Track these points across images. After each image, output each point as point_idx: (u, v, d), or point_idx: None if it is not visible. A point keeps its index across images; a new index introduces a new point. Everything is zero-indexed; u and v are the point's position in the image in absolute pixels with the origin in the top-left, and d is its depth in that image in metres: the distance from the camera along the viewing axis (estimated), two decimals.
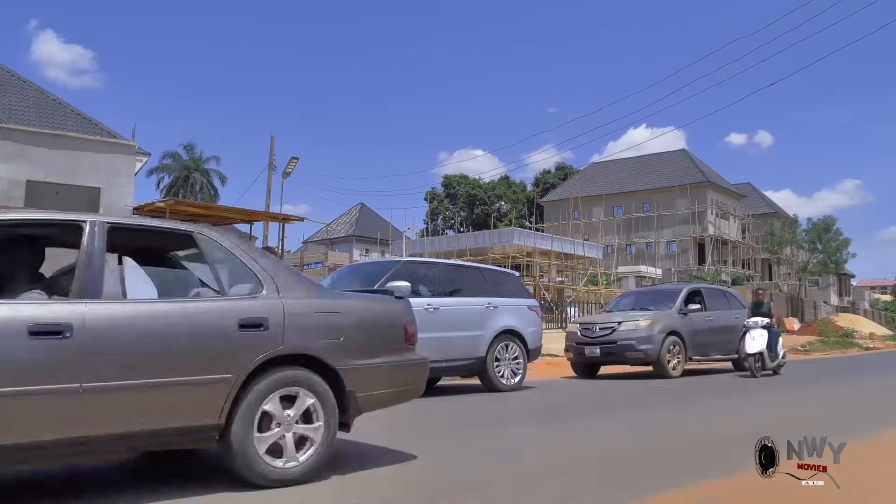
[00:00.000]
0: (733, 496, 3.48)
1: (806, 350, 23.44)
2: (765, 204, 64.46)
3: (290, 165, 28.21)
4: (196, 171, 51.01)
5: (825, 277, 58.99)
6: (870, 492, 3.55)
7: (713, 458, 4.47)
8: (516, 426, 6.07)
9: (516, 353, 9.08)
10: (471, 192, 69.51)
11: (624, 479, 3.83)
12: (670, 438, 5.40)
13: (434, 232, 55.20)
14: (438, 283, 8.69)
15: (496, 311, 8.97)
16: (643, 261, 52.00)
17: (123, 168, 17.88)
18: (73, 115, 18.90)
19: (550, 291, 32.89)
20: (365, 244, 55.29)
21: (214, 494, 3.31)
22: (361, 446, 4.84)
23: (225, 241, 3.77)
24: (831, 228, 48.44)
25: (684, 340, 11.38)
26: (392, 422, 5.79)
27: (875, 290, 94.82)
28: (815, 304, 47.21)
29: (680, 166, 57.43)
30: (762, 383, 10.50)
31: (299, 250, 42.70)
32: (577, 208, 47.90)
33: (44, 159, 16.62)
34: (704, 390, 9.73)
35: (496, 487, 3.60)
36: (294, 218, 20.91)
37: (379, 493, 3.49)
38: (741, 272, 53.21)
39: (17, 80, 19.55)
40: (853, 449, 3.87)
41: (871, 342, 30.26)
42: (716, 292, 13.48)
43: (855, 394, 9.22)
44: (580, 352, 11.49)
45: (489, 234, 35.05)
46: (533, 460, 4.33)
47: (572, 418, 6.76)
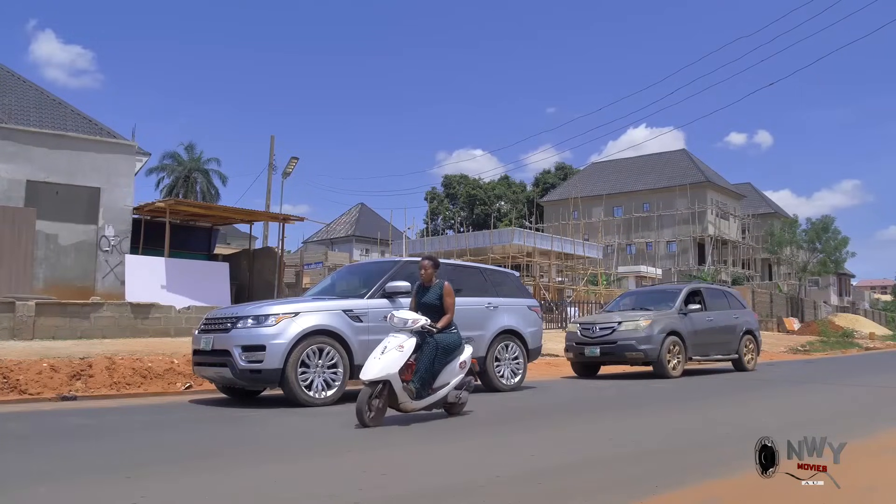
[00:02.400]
0: (733, 496, 3.47)
1: (806, 350, 23.46)
2: (765, 204, 64.47)
3: (290, 165, 28.21)
4: (196, 171, 50.97)
5: (825, 277, 58.99)
6: (870, 492, 3.55)
7: (713, 458, 4.47)
8: (516, 426, 6.07)
9: (516, 353, 9.08)
10: (471, 192, 69.51)
11: (624, 479, 3.83)
12: (670, 438, 5.40)
13: (434, 232, 55.21)
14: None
15: (496, 311, 8.97)
16: (643, 261, 52.00)
17: (123, 168, 17.89)
18: (73, 115, 18.90)
19: (550, 291, 32.90)
20: (365, 244, 55.31)
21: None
22: (361, 447, 4.85)
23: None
24: (830, 228, 48.46)
25: (684, 340, 11.37)
26: (390, 422, 5.80)
27: (875, 290, 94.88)
28: (815, 304, 47.24)
29: (680, 166, 57.44)
30: (762, 383, 10.51)
31: (299, 250, 42.65)
32: (576, 208, 47.90)
33: (44, 159, 16.64)
34: (704, 390, 9.72)
35: (496, 487, 3.60)
36: (294, 218, 20.87)
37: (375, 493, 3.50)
38: (741, 272, 53.23)
39: (17, 80, 19.56)
40: (853, 449, 3.88)
41: (871, 342, 30.30)
42: (716, 292, 13.48)
43: (855, 394, 9.21)
44: (580, 352, 11.49)
45: (489, 234, 35.05)
46: (532, 460, 4.33)
47: (572, 418, 6.76)
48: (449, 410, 6.29)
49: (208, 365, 7.36)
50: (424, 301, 6.32)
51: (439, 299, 6.24)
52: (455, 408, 6.30)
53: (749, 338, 13.01)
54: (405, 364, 5.67)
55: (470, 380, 6.33)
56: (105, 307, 13.52)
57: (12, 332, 12.17)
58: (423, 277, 6.40)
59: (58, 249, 16.70)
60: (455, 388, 6.13)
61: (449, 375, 6.09)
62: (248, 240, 23.69)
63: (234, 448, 4.43)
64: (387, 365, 5.55)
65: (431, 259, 6.49)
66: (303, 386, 6.89)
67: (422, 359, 5.82)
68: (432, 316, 6.10)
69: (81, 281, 16.75)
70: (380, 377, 5.51)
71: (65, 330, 12.74)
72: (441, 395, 6.00)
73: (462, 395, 6.25)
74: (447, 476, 3.93)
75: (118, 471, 3.92)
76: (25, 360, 8.57)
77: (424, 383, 5.81)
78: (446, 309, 6.19)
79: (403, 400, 5.67)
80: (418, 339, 5.85)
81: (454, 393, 6.14)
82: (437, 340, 5.93)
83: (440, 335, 5.99)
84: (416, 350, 5.81)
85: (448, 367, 6.08)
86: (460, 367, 6.18)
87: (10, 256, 14.67)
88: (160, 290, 15.91)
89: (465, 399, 6.31)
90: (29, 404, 7.42)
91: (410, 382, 5.71)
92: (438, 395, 5.99)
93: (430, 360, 5.84)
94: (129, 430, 5.82)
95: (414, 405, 5.78)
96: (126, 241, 17.54)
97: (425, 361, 5.81)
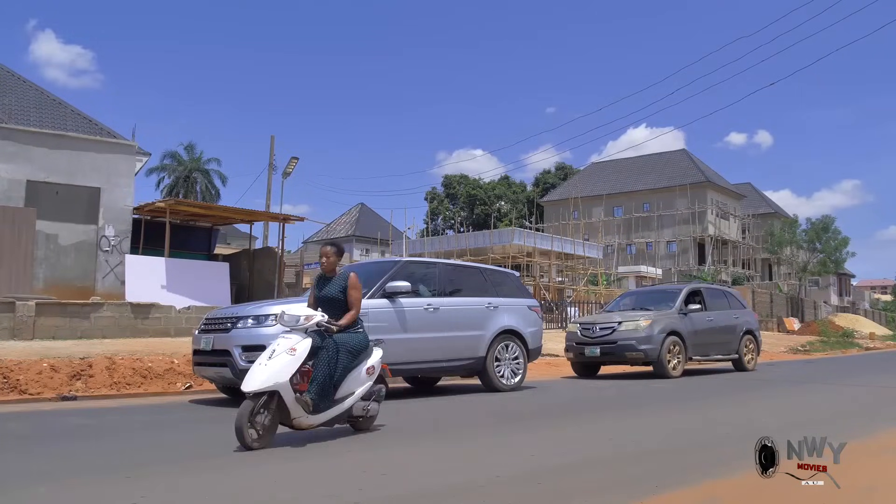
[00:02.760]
0: (733, 496, 3.47)
1: (806, 350, 23.47)
2: (765, 204, 64.47)
3: (290, 165, 28.22)
4: (196, 171, 50.98)
5: (825, 277, 58.99)
6: (870, 492, 3.55)
7: (713, 458, 4.47)
8: (516, 426, 6.07)
9: (516, 353, 9.08)
10: (471, 192, 69.52)
11: (624, 479, 3.83)
12: (670, 438, 5.40)
13: (434, 232, 55.22)
14: (438, 283, 8.69)
15: (496, 311, 8.97)
16: (643, 261, 52.01)
17: (123, 168, 17.89)
18: (73, 115, 18.90)
19: (550, 291, 32.90)
20: (365, 244, 55.31)
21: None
22: (361, 447, 4.85)
23: None
24: (830, 228, 48.47)
25: (684, 340, 11.37)
26: (389, 422, 5.80)
27: (875, 290, 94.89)
28: (815, 304, 47.25)
29: (680, 166, 57.44)
30: (762, 383, 10.51)
31: (299, 250, 42.69)
32: (577, 208, 47.91)
33: (44, 159, 16.64)
34: (704, 390, 9.72)
35: (496, 487, 3.60)
36: (294, 218, 20.87)
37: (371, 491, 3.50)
38: (741, 272, 53.23)
39: (18, 80, 19.56)
40: (853, 449, 3.88)
41: (871, 342, 30.32)
42: (716, 292, 13.48)
43: (855, 394, 9.21)
44: (580, 352, 11.49)
45: (489, 234, 35.05)
46: (532, 460, 4.33)
47: (572, 418, 6.75)
48: (355, 426, 5.32)
49: (208, 365, 7.37)
50: (324, 294, 5.35)
51: (343, 292, 5.28)
52: (363, 422, 5.33)
53: (749, 338, 13.01)
54: (299, 370, 4.75)
55: (381, 388, 5.44)
56: (105, 307, 13.52)
57: (12, 332, 12.17)
58: (324, 267, 5.47)
59: (58, 249, 16.70)
60: (362, 399, 5.19)
61: (354, 384, 5.12)
62: (248, 240, 23.69)
63: (233, 448, 4.43)
64: (275, 372, 4.57)
65: (334, 245, 5.52)
66: None
67: (319, 364, 4.86)
68: (334, 312, 5.18)
69: (81, 281, 16.75)
70: (265, 387, 4.52)
71: (65, 330, 12.74)
72: (345, 408, 5.04)
73: (371, 407, 5.30)
74: (447, 476, 3.93)
75: (118, 471, 3.92)
76: (25, 360, 8.57)
77: (324, 393, 4.83)
78: (351, 304, 5.25)
79: (297, 414, 4.72)
80: (316, 340, 4.92)
81: (361, 404, 5.19)
82: (339, 341, 5.02)
83: (342, 335, 5.08)
84: (314, 354, 4.90)
85: (353, 374, 5.12)
86: (367, 374, 5.23)
87: (10, 256, 14.67)
88: (160, 290, 15.91)
89: (374, 412, 5.36)
90: (29, 404, 7.42)
91: (306, 393, 4.73)
92: (342, 408, 5.02)
93: (329, 365, 4.87)
94: (129, 430, 5.82)
95: (311, 420, 4.82)
96: (126, 241, 17.54)
97: (323, 367, 4.85)
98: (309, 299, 5.56)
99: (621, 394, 9.30)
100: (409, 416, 6.87)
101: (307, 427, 4.85)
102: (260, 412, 4.54)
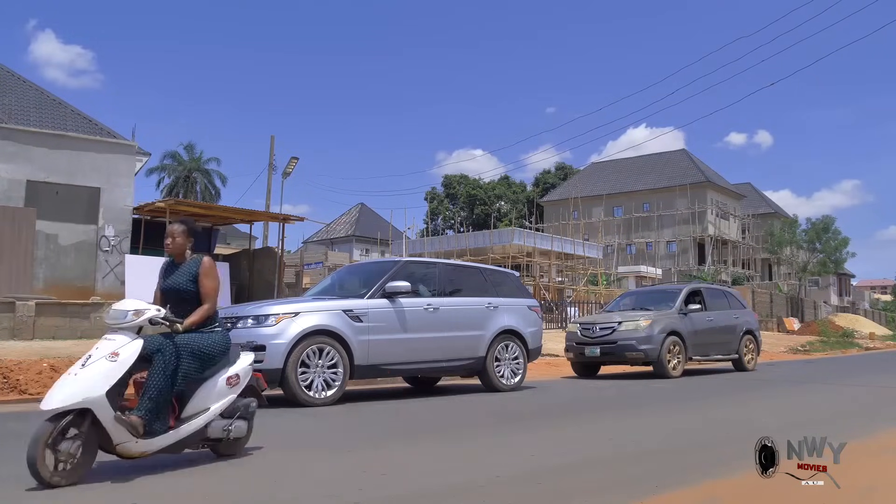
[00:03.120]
0: (733, 496, 3.47)
1: (806, 350, 23.47)
2: (765, 204, 64.48)
3: (290, 165, 28.21)
4: (196, 171, 50.99)
5: (825, 277, 59.00)
6: (870, 492, 3.55)
7: (713, 458, 4.47)
8: (516, 426, 6.07)
9: (516, 353, 9.08)
10: (471, 192, 69.52)
11: (624, 479, 3.83)
12: (670, 438, 5.40)
13: (434, 232, 55.21)
14: (438, 283, 8.69)
15: (496, 311, 8.97)
16: (643, 261, 52.00)
17: (123, 168, 17.90)
18: (73, 115, 18.91)
19: (550, 291, 32.89)
20: (365, 244, 55.31)
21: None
22: (361, 446, 4.84)
23: None
24: (830, 228, 48.49)
25: (684, 340, 11.37)
26: (389, 422, 5.80)
27: (875, 290, 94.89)
28: (815, 304, 47.27)
29: (680, 166, 57.44)
30: (762, 383, 10.51)
31: (299, 250, 42.67)
32: (576, 208, 47.90)
33: (44, 159, 16.64)
34: (704, 390, 9.72)
35: (496, 487, 3.61)
36: (294, 218, 20.89)
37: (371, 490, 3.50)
38: (741, 272, 53.23)
39: (18, 80, 19.57)
40: (853, 449, 3.88)
41: (871, 342, 30.32)
42: (716, 292, 13.49)
43: (855, 394, 9.21)
44: (580, 352, 11.49)
45: (489, 234, 35.06)
46: (532, 460, 4.33)
47: (572, 418, 6.75)
48: (216, 450, 4.19)
49: None
50: (170, 285, 4.20)
51: (194, 281, 4.14)
52: (225, 445, 4.16)
53: (749, 338, 13.01)
54: (122, 380, 3.63)
55: (251, 402, 4.26)
56: (105, 307, 13.52)
57: (12, 332, 12.18)
58: (170, 250, 4.29)
59: (58, 249, 16.71)
60: (222, 417, 4.06)
61: (208, 398, 4.00)
62: (248, 240, 23.71)
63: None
64: (86, 385, 3.44)
65: (184, 223, 4.39)
66: (303, 386, 6.89)
67: (153, 372, 3.74)
68: (185, 307, 4.06)
69: (81, 281, 16.75)
70: (70, 405, 3.39)
71: (65, 330, 12.75)
72: (193, 429, 3.89)
73: (235, 427, 4.09)
74: (447, 476, 3.93)
75: (117, 471, 3.92)
76: (25, 360, 8.57)
77: (158, 411, 3.70)
78: (204, 297, 4.11)
79: (121, 440, 3.57)
80: (155, 342, 3.83)
81: (220, 423, 4.03)
82: (182, 343, 3.89)
83: (189, 336, 3.95)
84: (148, 360, 3.77)
85: (207, 386, 4.01)
86: (229, 385, 4.10)
87: (10, 256, 14.67)
88: None
89: (240, 432, 4.15)
90: (29, 404, 7.40)
91: (134, 410, 3.63)
92: (188, 430, 3.87)
93: (166, 373, 3.75)
94: None
95: (142, 447, 3.66)
96: (126, 241, 17.55)
97: (158, 376, 3.72)
98: (155, 292, 4.35)
99: (621, 394, 9.30)
100: (409, 416, 6.87)
101: (138, 455, 3.72)
102: (66, 437, 3.44)
